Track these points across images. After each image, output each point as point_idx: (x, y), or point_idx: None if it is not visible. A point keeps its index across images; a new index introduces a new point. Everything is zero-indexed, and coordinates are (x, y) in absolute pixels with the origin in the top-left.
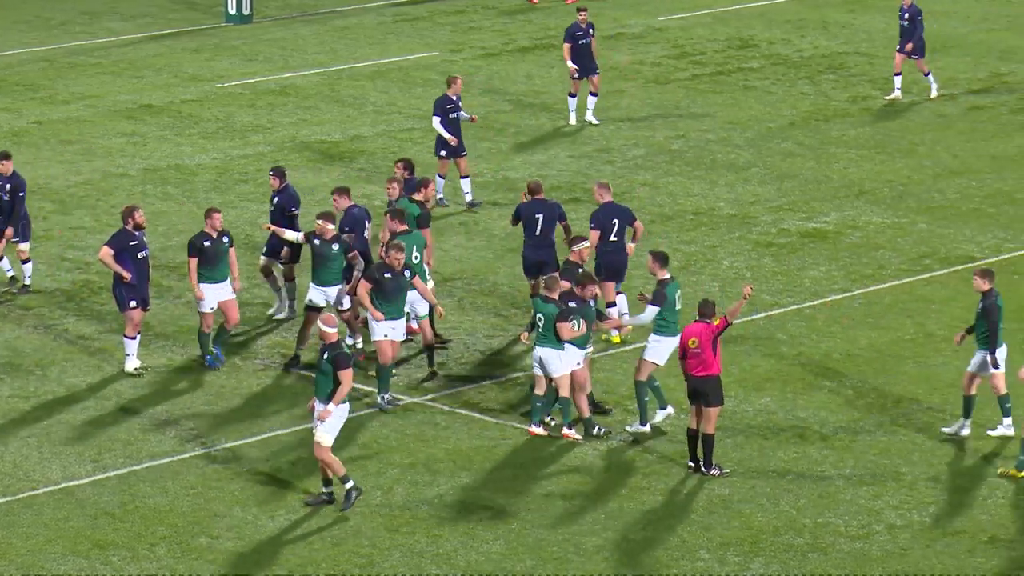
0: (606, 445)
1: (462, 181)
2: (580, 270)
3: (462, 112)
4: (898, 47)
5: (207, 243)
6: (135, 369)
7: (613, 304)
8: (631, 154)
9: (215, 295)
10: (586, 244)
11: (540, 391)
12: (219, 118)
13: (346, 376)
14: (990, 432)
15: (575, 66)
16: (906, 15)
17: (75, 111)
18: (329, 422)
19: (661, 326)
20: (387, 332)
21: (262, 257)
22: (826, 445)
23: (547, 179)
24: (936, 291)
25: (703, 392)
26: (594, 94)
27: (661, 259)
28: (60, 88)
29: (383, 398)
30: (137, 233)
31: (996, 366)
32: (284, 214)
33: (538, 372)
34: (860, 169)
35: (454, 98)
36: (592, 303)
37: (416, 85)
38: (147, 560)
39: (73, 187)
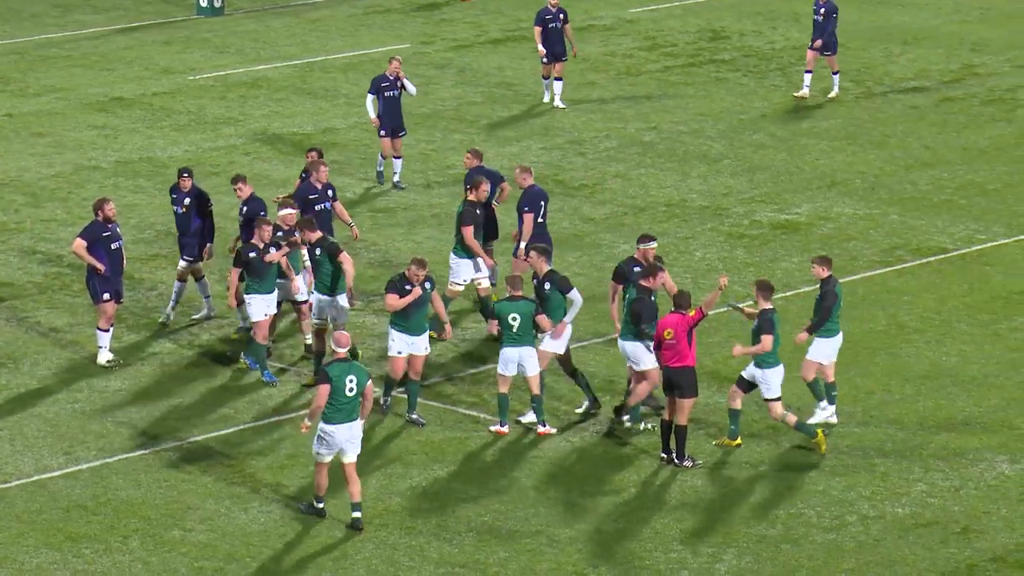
0: (579, 437)
1: (395, 161)
2: (638, 268)
3: (410, 88)
4: (810, 43)
5: (253, 255)
6: (107, 362)
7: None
8: (603, 146)
9: (265, 306)
10: (653, 245)
11: (505, 389)
12: (191, 110)
13: (369, 391)
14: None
15: (542, 50)
16: (821, 10)
17: (46, 104)
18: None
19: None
20: (402, 348)
21: (181, 262)
22: (799, 436)
23: None
24: (908, 282)
25: (678, 383)
26: (558, 79)
27: (765, 288)
28: (31, 81)
29: (412, 415)
30: (110, 225)
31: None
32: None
33: (508, 373)
34: (832, 161)
35: (391, 78)
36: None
37: None
38: (120, 552)
39: (44, 180)
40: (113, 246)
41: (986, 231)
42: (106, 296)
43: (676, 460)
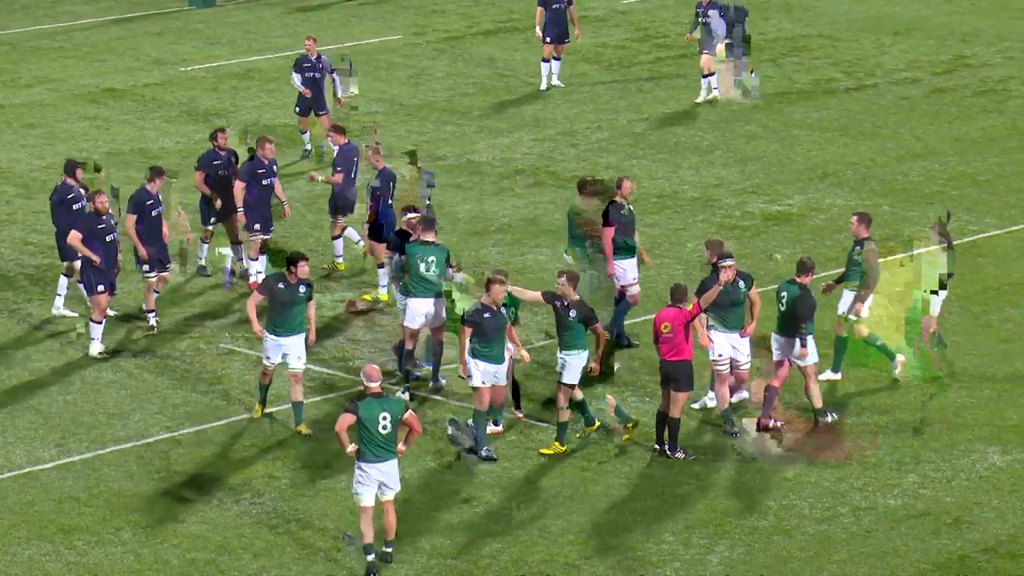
0: (570, 429)
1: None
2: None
3: (333, 75)
4: (704, 48)
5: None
6: (100, 353)
7: (382, 266)
8: (595, 137)
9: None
10: (731, 262)
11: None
12: (182, 102)
13: (412, 419)
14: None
15: (539, 33)
16: (708, 12)
17: (38, 95)
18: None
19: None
20: (487, 379)
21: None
22: (791, 427)
23: (511, 162)
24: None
25: (674, 377)
26: (556, 58)
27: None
28: (23, 72)
29: (485, 451)
30: (104, 217)
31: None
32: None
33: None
34: (824, 152)
35: (312, 58)
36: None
37: (380, 68)
38: (112, 544)
39: (36, 171)
40: (108, 239)
41: (977, 222)
42: (100, 288)
43: (668, 452)
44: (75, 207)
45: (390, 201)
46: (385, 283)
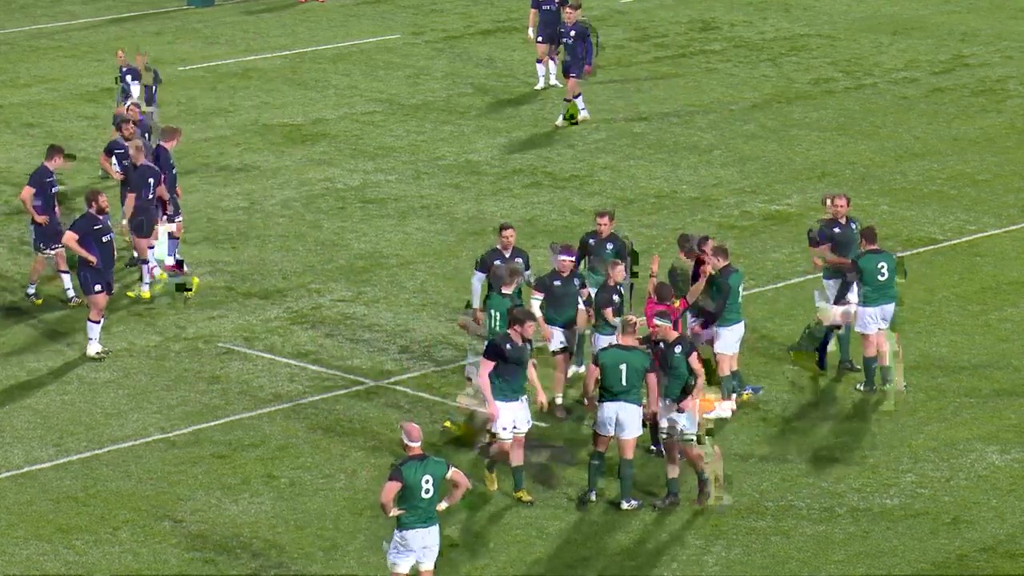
0: (568, 429)
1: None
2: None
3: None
4: (571, 72)
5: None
6: (97, 353)
7: (145, 261)
8: (592, 137)
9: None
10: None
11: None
12: (181, 101)
13: (457, 476)
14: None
15: (530, 35)
16: (571, 32)
17: (36, 94)
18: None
19: (726, 318)
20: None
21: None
22: (789, 428)
23: (509, 162)
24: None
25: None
26: (552, 58)
27: (721, 251)
28: (21, 71)
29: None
30: (101, 217)
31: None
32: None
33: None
34: (822, 151)
35: (124, 69)
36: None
37: (378, 68)
38: (110, 544)
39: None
40: (104, 239)
41: (976, 221)
42: (97, 288)
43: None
44: (51, 191)
45: (150, 196)
46: (148, 281)
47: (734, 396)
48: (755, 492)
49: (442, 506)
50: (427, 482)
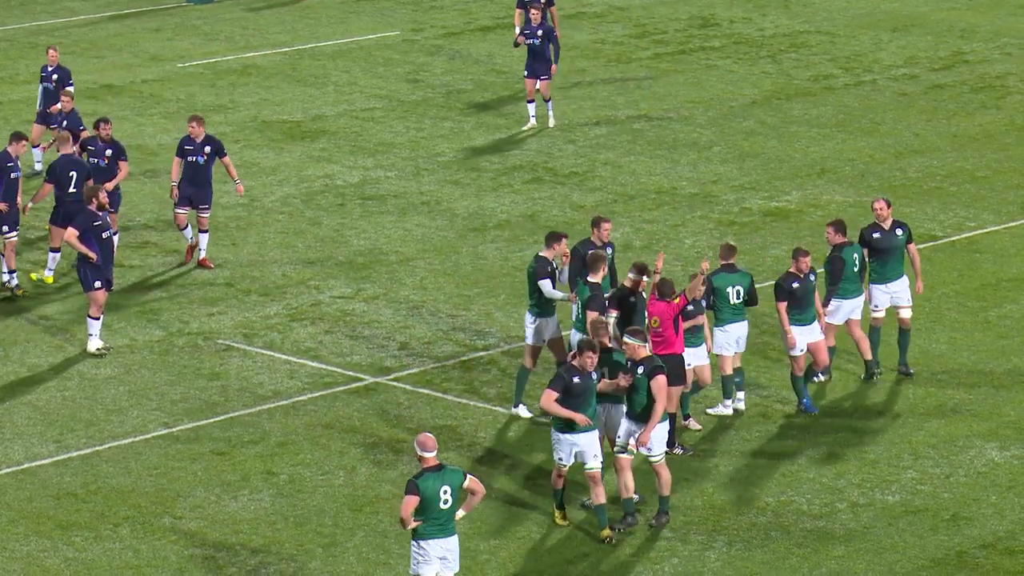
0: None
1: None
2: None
3: (44, 84)
4: (527, 72)
5: (796, 284)
6: (98, 349)
7: (57, 250)
8: (593, 133)
9: (804, 337)
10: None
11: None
12: (180, 98)
13: (475, 484)
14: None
15: (518, 31)
16: (538, 33)
17: (36, 92)
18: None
19: (720, 319)
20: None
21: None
22: (789, 424)
23: (509, 158)
24: None
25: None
26: None
27: (723, 250)
28: (21, 68)
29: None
30: (101, 213)
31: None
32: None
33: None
34: (822, 148)
35: (50, 69)
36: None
37: (378, 64)
38: (110, 540)
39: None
40: (104, 235)
41: (976, 218)
42: (97, 284)
43: (667, 448)
44: (12, 176)
45: (71, 189)
46: (53, 267)
47: (729, 401)
48: (755, 488)
49: (460, 515)
50: (445, 492)
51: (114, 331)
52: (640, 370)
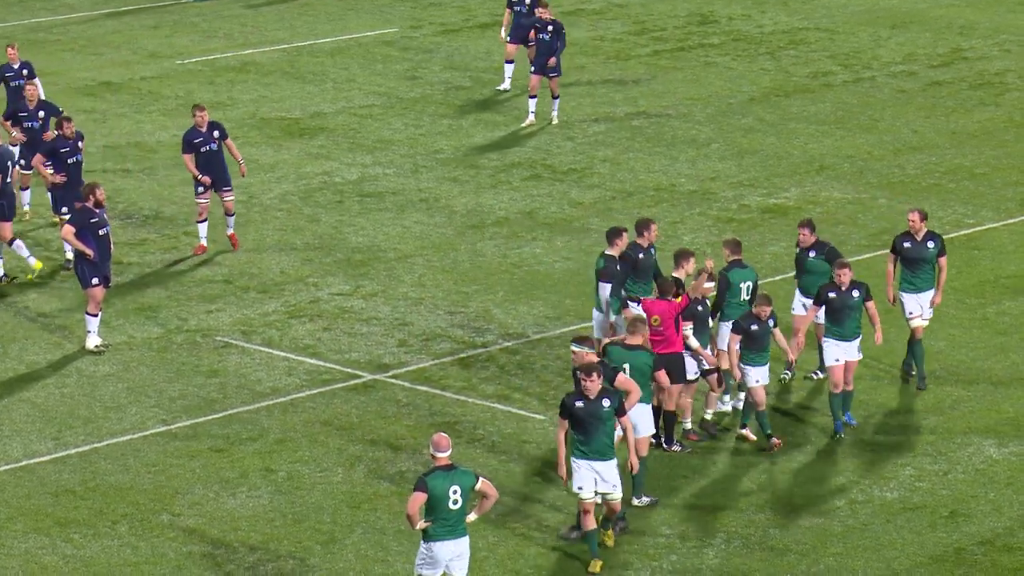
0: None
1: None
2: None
3: (21, 80)
4: (534, 68)
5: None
6: (96, 346)
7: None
8: (592, 130)
9: (842, 353)
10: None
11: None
12: (179, 95)
13: (487, 487)
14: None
15: (503, 35)
16: (548, 28)
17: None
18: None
19: (726, 314)
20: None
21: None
22: (787, 420)
23: (508, 155)
24: None
25: (666, 370)
26: (508, 61)
27: (732, 245)
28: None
29: None
30: (98, 211)
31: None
32: None
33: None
34: (820, 145)
35: (15, 66)
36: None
37: (376, 61)
38: (108, 537)
39: None
40: (101, 232)
41: (974, 215)
42: (95, 281)
43: (664, 445)
44: None
45: (8, 180)
46: (27, 254)
47: (728, 398)
48: (753, 484)
49: (471, 518)
50: (455, 493)
51: (112, 328)
52: (607, 403)
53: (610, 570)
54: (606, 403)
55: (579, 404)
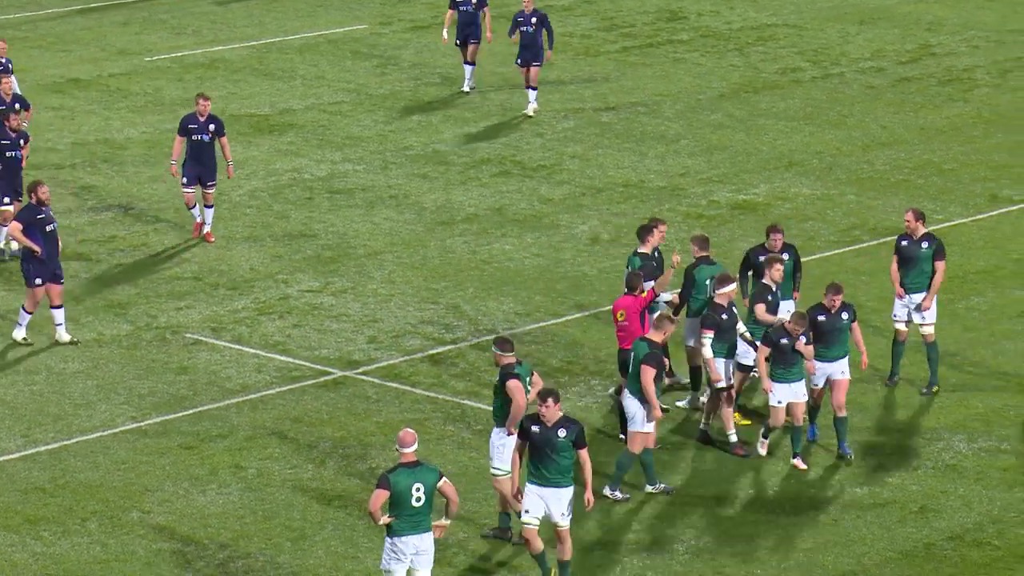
0: None
1: None
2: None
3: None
4: (519, 61)
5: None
6: (23, 340)
7: None
8: (561, 127)
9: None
10: (731, 288)
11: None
12: (148, 92)
13: (447, 489)
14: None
15: (444, 36)
16: (532, 20)
17: None
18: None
19: (693, 309)
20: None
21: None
22: (758, 418)
23: (477, 151)
24: (865, 262)
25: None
26: (469, 63)
27: (699, 241)
28: None
29: None
30: (44, 208)
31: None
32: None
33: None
34: (789, 141)
35: (3, 60)
36: None
37: (345, 58)
38: (78, 535)
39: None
40: (48, 228)
41: (943, 211)
42: (38, 281)
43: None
44: None
45: None
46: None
47: (698, 393)
48: (724, 481)
49: (446, 523)
50: (418, 490)
51: (82, 325)
52: (563, 433)
53: (578, 565)
54: (562, 433)
55: (535, 429)
